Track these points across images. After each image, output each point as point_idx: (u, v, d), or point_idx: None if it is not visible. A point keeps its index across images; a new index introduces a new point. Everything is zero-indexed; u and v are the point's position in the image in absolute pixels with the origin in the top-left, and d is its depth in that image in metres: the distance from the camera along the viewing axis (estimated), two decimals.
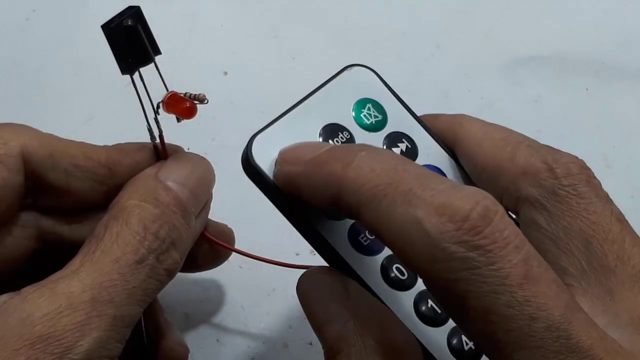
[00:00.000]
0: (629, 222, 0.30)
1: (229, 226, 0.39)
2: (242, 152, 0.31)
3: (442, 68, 0.54)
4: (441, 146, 0.33)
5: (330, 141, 0.31)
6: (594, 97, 0.53)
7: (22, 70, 0.53)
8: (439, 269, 0.24)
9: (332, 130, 0.32)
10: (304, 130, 0.31)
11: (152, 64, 0.32)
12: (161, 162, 0.34)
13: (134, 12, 0.31)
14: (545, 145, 0.31)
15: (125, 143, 0.35)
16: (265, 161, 0.30)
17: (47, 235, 0.34)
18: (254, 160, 0.30)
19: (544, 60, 0.55)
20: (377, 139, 0.32)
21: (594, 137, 0.51)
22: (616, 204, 0.30)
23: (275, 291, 0.43)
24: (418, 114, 0.34)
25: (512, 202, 0.30)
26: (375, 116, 0.32)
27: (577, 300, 0.26)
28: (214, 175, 0.35)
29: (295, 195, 0.29)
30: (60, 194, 0.33)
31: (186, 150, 0.36)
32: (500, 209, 0.24)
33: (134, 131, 0.34)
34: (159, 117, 0.33)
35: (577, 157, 0.30)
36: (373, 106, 0.33)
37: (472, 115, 0.34)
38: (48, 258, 0.33)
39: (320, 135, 0.31)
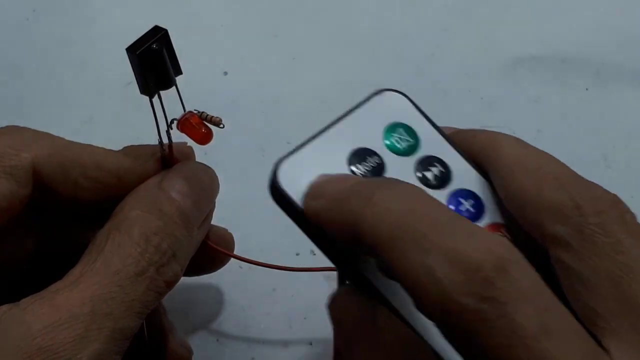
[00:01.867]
0: None
1: (228, 231, 0.38)
2: (269, 177, 0.30)
3: (442, 68, 0.54)
4: (475, 169, 0.32)
5: (359, 166, 0.30)
6: (594, 97, 0.53)
7: (22, 70, 0.53)
8: (451, 320, 0.23)
9: (361, 155, 0.31)
10: (332, 154, 0.30)
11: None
12: (166, 171, 0.33)
13: (161, 36, 0.30)
14: (577, 176, 0.29)
15: (136, 147, 0.34)
16: (293, 187, 0.29)
17: (50, 239, 0.34)
18: (280, 187, 0.29)
19: (544, 60, 0.55)
20: (408, 164, 0.31)
21: (594, 137, 0.51)
22: None
23: (276, 291, 0.43)
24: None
25: (540, 238, 0.29)
26: (407, 140, 0.31)
27: (607, 343, 0.25)
28: (217, 184, 0.35)
29: (322, 230, 0.28)
30: (67, 203, 0.33)
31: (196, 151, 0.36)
32: (516, 257, 0.24)
33: (133, 131, 0.34)
34: (171, 130, 0.33)
35: (608, 192, 0.29)
36: (404, 130, 0.32)
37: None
38: (51, 260, 0.33)
39: (349, 160, 0.30)
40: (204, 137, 0.32)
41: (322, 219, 0.28)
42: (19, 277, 0.33)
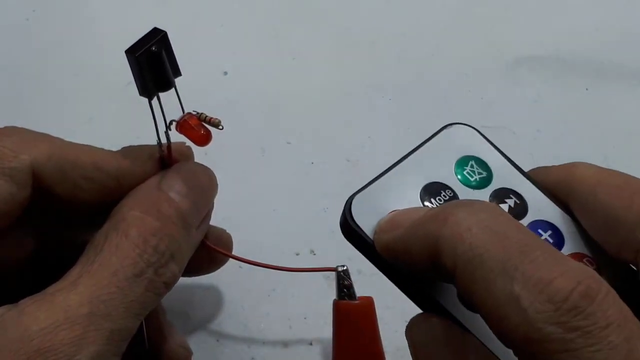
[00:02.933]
0: None
1: (227, 231, 0.38)
2: (340, 215, 0.29)
3: (442, 68, 0.54)
4: (552, 200, 0.31)
5: (433, 200, 0.30)
6: (594, 97, 0.53)
7: (22, 71, 0.53)
8: (534, 349, 0.23)
9: (434, 189, 0.30)
10: (404, 189, 0.30)
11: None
12: (164, 171, 0.33)
13: (160, 38, 0.30)
14: None
15: (135, 147, 0.34)
16: (365, 223, 0.29)
17: (49, 239, 0.34)
18: (353, 222, 0.29)
19: (544, 60, 0.55)
20: (482, 196, 0.31)
21: (594, 137, 0.51)
22: None
23: (275, 291, 0.43)
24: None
25: (632, 254, 0.28)
26: (479, 173, 0.31)
27: None
28: (216, 185, 0.35)
29: (397, 263, 0.28)
30: (66, 204, 0.32)
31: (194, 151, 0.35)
32: (605, 286, 0.23)
33: (133, 131, 0.34)
34: (170, 132, 0.32)
35: None
36: (476, 163, 0.31)
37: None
38: (50, 260, 0.33)
39: (421, 194, 0.30)
40: (203, 139, 0.32)
41: (398, 250, 0.27)
42: (18, 278, 0.33)
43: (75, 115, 0.51)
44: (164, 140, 0.33)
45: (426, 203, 0.30)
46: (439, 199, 0.30)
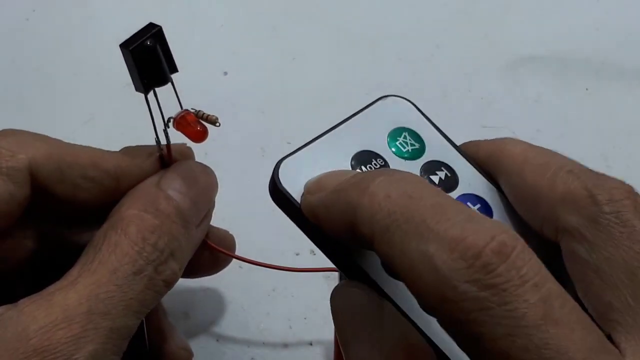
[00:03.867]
0: None
1: (230, 232, 0.38)
2: (270, 176, 0.29)
3: (442, 68, 0.54)
4: (482, 175, 0.31)
5: (363, 168, 0.30)
6: (594, 97, 0.53)
7: (22, 70, 0.53)
8: (450, 309, 0.22)
9: (365, 157, 0.30)
10: (335, 156, 0.30)
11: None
12: (164, 170, 0.33)
13: (155, 33, 0.30)
14: (589, 170, 0.29)
15: (134, 147, 0.34)
16: (293, 187, 0.29)
17: (49, 239, 0.34)
18: (281, 185, 0.29)
19: (544, 60, 0.55)
20: (413, 168, 0.31)
21: (594, 137, 0.51)
22: None
23: (275, 291, 0.43)
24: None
25: (552, 232, 0.28)
26: (412, 144, 0.31)
27: (618, 338, 0.24)
28: (216, 183, 0.35)
29: (319, 226, 0.27)
30: (65, 204, 0.32)
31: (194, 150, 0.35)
32: (520, 243, 0.23)
33: (133, 131, 0.34)
34: (168, 129, 0.32)
35: (623, 182, 0.28)
36: (409, 134, 0.31)
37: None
38: (50, 260, 0.33)
39: (352, 161, 0.30)
40: (199, 135, 0.32)
41: (320, 214, 0.27)
42: (18, 279, 0.33)
43: (75, 115, 0.51)
44: (162, 138, 0.33)
45: (357, 171, 0.30)
46: (369, 167, 0.30)
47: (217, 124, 0.32)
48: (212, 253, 0.37)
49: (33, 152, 0.31)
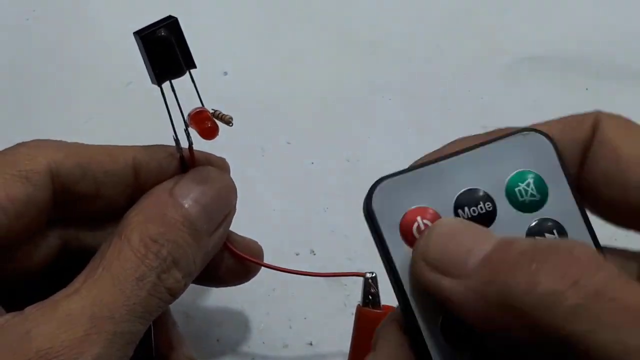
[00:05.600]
0: None
1: (258, 242, 0.38)
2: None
3: (442, 68, 0.54)
4: (597, 246, 0.27)
5: (466, 209, 0.26)
6: (594, 97, 0.53)
7: (22, 71, 0.53)
8: None
9: (471, 197, 0.27)
10: (441, 187, 0.26)
11: (187, 76, 0.32)
12: (179, 175, 0.33)
13: (171, 23, 0.30)
14: None
15: (155, 145, 0.34)
16: (384, 213, 0.26)
17: (70, 243, 0.34)
18: (371, 206, 0.26)
19: (544, 60, 0.55)
20: (523, 222, 0.27)
21: None
22: None
23: (275, 291, 0.43)
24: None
25: None
26: (532, 194, 0.27)
27: None
28: (235, 191, 0.34)
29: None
30: (89, 202, 0.32)
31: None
32: None
33: (134, 131, 0.34)
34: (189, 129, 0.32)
35: None
36: (534, 182, 0.27)
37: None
38: (71, 263, 0.33)
39: (455, 200, 0.27)
40: (207, 131, 0.31)
41: (463, 305, 0.23)
42: (36, 286, 0.33)
43: (76, 115, 0.51)
44: (181, 138, 0.33)
45: (458, 211, 0.27)
46: (473, 210, 0.27)
47: (230, 124, 0.32)
48: (238, 262, 0.36)
49: (52, 155, 0.31)
